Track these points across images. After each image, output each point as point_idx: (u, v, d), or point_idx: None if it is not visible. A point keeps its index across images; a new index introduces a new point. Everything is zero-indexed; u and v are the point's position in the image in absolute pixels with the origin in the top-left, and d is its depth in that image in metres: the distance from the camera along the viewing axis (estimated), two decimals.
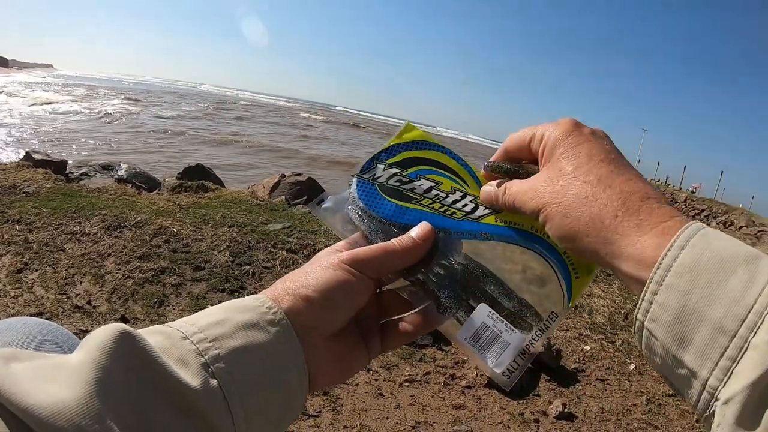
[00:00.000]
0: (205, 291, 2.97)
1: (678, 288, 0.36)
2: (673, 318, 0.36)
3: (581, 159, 0.46)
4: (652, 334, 0.37)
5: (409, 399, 2.23)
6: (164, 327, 0.41)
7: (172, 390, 0.36)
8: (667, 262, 0.37)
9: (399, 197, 0.55)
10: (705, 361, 0.34)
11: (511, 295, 0.51)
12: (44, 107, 18.00)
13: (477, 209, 0.54)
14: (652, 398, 2.48)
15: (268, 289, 0.47)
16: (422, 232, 0.51)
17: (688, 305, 0.35)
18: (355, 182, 0.56)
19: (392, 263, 0.50)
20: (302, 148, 15.93)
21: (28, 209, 3.83)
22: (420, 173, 0.56)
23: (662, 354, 0.37)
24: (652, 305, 0.37)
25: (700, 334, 0.34)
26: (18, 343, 0.60)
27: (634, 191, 0.42)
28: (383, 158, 0.57)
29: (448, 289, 0.51)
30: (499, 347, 0.49)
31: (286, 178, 6.09)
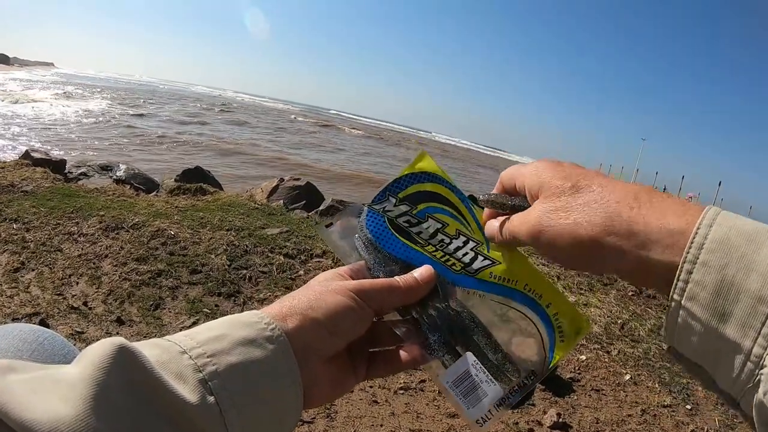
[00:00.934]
0: (202, 294, 2.96)
1: (713, 264, 0.37)
2: (711, 294, 0.37)
3: (576, 176, 0.47)
4: (691, 313, 0.38)
5: (404, 407, 2.22)
6: (162, 340, 0.41)
7: (169, 406, 0.36)
8: (698, 240, 0.38)
9: (406, 236, 0.57)
10: (748, 330, 0.35)
11: (496, 349, 0.53)
12: (32, 105, 17.92)
13: (476, 260, 0.56)
14: (647, 409, 2.48)
15: (273, 305, 0.48)
16: (425, 275, 0.54)
17: (725, 279, 0.36)
18: (366, 212, 0.58)
19: (394, 299, 0.52)
20: (302, 156, 15.87)
21: (26, 208, 3.83)
22: (428, 211, 0.58)
23: (701, 332, 0.37)
24: (689, 284, 0.38)
25: (740, 306, 0.35)
26: (13, 350, 0.60)
27: (639, 189, 0.44)
28: (395, 191, 0.59)
29: (439, 332, 0.53)
30: (478, 396, 0.51)
31: (284, 183, 6.09)
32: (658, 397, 2.59)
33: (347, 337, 0.49)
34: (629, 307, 3.61)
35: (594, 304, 3.63)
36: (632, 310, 3.56)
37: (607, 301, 3.68)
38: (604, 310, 3.54)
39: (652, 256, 0.40)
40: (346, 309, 0.47)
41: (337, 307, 0.47)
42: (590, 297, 3.73)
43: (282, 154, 15.01)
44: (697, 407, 2.54)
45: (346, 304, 0.48)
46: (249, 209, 4.74)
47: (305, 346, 0.45)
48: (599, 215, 0.43)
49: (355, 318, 0.48)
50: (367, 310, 0.50)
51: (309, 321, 0.46)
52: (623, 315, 3.48)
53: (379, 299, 0.51)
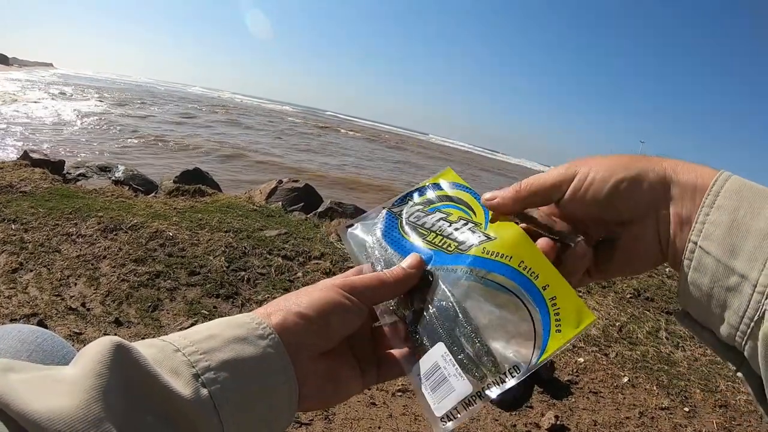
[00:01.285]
0: (200, 296, 2.96)
1: (727, 207, 0.42)
2: (724, 231, 0.41)
3: (583, 159, 0.52)
4: (705, 251, 0.42)
5: (402, 409, 2.22)
6: (157, 340, 0.42)
7: (164, 399, 0.37)
8: (716, 189, 0.43)
9: (412, 232, 0.57)
10: (754, 263, 0.39)
11: (474, 340, 0.47)
12: (26, 105, 17.88)
13: (470, 238, 0.53)
14: (645, 411, 2.48)
15: (261, 308, 0.48)
16: (412, 262, 0.53)
17: (737, 220, 0.41)
18: (384, 213, 0.59)
19: (384, 292, 0.51)
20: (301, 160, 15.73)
21: (25, 209, 3.83)
22: (439, 208, 0.58)
23: (713, 269, 0.41)
24: (705, 225, 0.43)
25: (749, 242, 0.40)
26: (12, 351, 0.60)
27: (656, 157, 0.49)
28: (415, 196, 0.60)
29: (420, 325, 0.51)
30: (444, 391, 0.46)
31: (283, 184, 6.09)
32: (656, 400, 2.59)
33: (337, 331, 0.48)
34: (627, 309, 3.62)
35: (592, 306, 3.64)
36: (630, 313, 3.56)
37: (605, 304, 3.69)
38: (602, 312, 3.55)
39: (682, 178, 0.46)
40: (332, 303, 0.47)
41: (323, 301, 0.47)
42: (588, 299, 3.74)
43: (283, 159, 14.89)
44: (695, 410, 2.54)
45: (333, 298, 0.48)
46: (247, 211, 4.74)
47: (296, 342, 0.45)
48: (625, 161, 0.49)
49: (343, 312, 0.48)
50: (357, 304, 0.49)
51: (294, 315, 0.46)
52: (621, 317, 3.48)
53: (368, 293, 0.50)
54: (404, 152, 33.20)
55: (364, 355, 0.53)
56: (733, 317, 0.40)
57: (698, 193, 0.44)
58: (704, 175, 0.45)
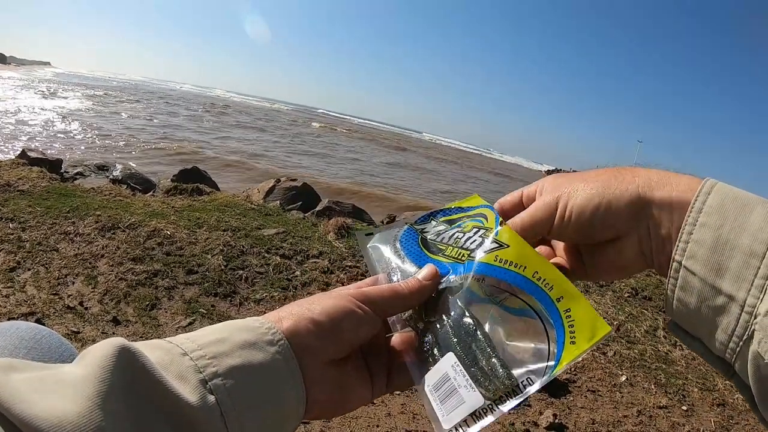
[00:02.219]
0: (198, 295, 2.96)
1: (710, 225, 0.41)
2: (709, 251, 0.40)
3: (570, 175, 0.52)
4: (690, 271, 0.41)
5: (400, 407, 2.23)
6: (164, 342, 0.41)
7: (170, 405, 0.36)
8: (698, 206, 0.42)
9: (432, 249, 0.57)
10: (741, 283, 0.38)
11: (490, 351, 0.46)
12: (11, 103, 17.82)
13: (482, 245, 0.53)
14: (642, 410, 2.48)
15: (271, 312, 0.47)
16: (427, 273, 0.53)
17: (721, 237, 0.40)
18: (405, 228, 0.60)
19: (398, 303, 0.51)
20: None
21: (22, 208, 3.82)
22: (459, 225, 0.58)
23: (699, 289, 0.40)
24: (689, 244, 0.41)
25: (734, 261, 0.39)
26: (10, 348, 0.60)
27: (635, 168, 0.49)
28: (439, 216, 0.61)
29: (433, 336, 0.50)
30: (454, 402, 0.45)
31: (281, 183, 6.08)
32: (654, 398, 2.59)
33: (349, 339, 0.47)
34: (625, 308, 3.62)
35: None
36: (628, 312, 3.57)
37: (603, 303, 3.69)
38: (600, 312, 3.55)
39: (658, 195, 0.45)
40: (345, 311, 0.47)
41: (336, 308, 0.47)
42: (586, 298, 3.74)
43: (271, 161, 14.60)
44: (693, 408, 2.54)
45: (345, 306, 0.47)
46: (245, 210, 4.74)
47: (306, 348, 0.45)
48: (606, 180, 0.48)
49: (356, 321, 0.47)
50: (370, 314, 0.48)
51: (305, 320, 0.45)
52: (619, 316, 3.49)
53: (382, 303, 0.50)
54: (406, 153, 33.12)
55: (376, 366, 0.52)
56: (722, 335, 0.40)
57: (675, 209, 0.43)
58: (681, 188, 0.44)
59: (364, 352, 0.51)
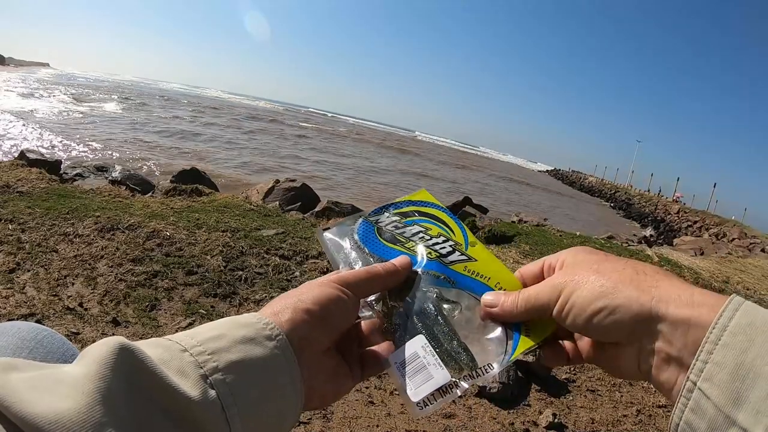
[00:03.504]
0: (198, 295, 2.96)
1: (735, 346, 0.36)
2: (729, 376, 0.36)
3: (595, 257, 0.50)
4: (705, 395, 0.37)
5: (400, 407, 2.23)
6: (163, 339, 0.41)
7: (171, 400, 0.36)
8: (722, 323, 0.37)
9: (390, 239, 0.62)
10: (761, 418, 0.34)
11: (453, 337, 0.53)
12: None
13: (452, 254, 0.60)
14: (642, 409, 2.49)
15: (266, 307, 0.49)
16: (403, 261, 0.57)
17: (745, 363, 0.35)
18: (360, 221, 0.64)
19: (375, 284, 0.54)
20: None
21: (22, 209, 3.82)
22: (416, 221, 0.64)
23: (712, 417, 0.36)
24: (707, 364, 0.37)
25: (756, 391, 0.34)
26: (12, 348, 0.60)
27: (658, 274, 0.45)
28: (391, 209, 0.66)
29: (399, 319, 0.55)
30: (422, 378, 0.50)
31: (280, 184, 6.09)
32: (653, 398, 2.60)
33: (338, 325, 0.50)
34: None
35: None
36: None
37: None
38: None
39: (672, 311, 0.41)
40: (333, 297, 0.49)
41: (324, 296, 0.49)
42: None
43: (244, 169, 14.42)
44: None
45: (332, 293, 0.49)
46: (245, 210, 4.74)
47: (300, 337, 0.46)
48: (614, 276, 0.45)
49: (343, 305, 0.50)
50: (352, 297, 0.51)
51: (301, 312, 0.47)
52: None
53: (361, 285, 0.53)
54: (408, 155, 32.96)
55: (349, 352, 0.54)
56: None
57: (692, 330, 0.39)
58: (704, 307, 0.40)
59: (338, 339, 0.52)
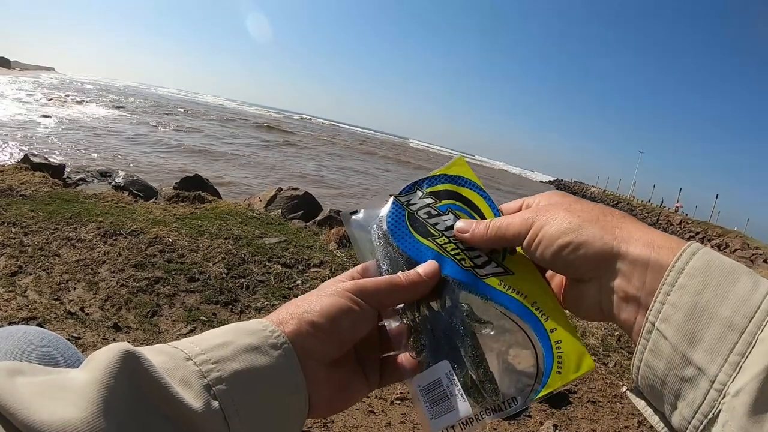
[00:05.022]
0: (199, 302, 2.96)
1: (690, 288, 0.38)
2: (684, 316, 0.37)
3: (569, 198, 0.51)
4: (662, 335, 0.38)
5: (400, 417, 2.22)
6: (168, 347, 0.41)
7: (174, 411, 0.36)
8: (679, 266, 0.39)
9: (421, 230, 0.55)
10: (715, 357, 0.35)
11: (480, 364, 0.49)
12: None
13: (488, 265, 0.53)
14: (643, 420, 2.47)
15: (273, 313, 0.48)
16: (429, 270, 0.52)
17: (699, 303, 0.37)
18: (390, 202, 0.57)
19: (397, 297, 0.51)
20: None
21: (25, 212, 3.83)
22: (451, 207, 0.56)
23: (669, 356, 0.38)
24: (665, 305, 0.39)
25: (710, 331, 0.36)
26: (18, 352, 0.60)
27: (625, 217, 0.46)
28: (425, 186, 0.58)
29: (424, 334, 0.51)
30: (444, 408, 0.48)
31: (282, 192, 6.10)
32: None
33: (348, 338, 0.48)
34: None
35: None
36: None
37: None
38: (601, 322, 3.54)
39: (633, 250, 0.42)
40: (343, 309, 0.47)
41: (334, 308, 0.46)
42: None
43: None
44: None
45: (343, 304, 0.47)
46: (247, 218, 4.75)
47: (305, 350, 0.45)
48: (582, 214, 0.46)
49: (354, 318, 0.47)
50: (367, 309, 0.48)
51: (306, 324, 0.45)
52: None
53: (380, 297, 0.49)
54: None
55: (368, 358, 0.53)
56: (687, 410, 0.37)
57: (651, 270, 0.41)
58: (663, 249, 0.41)
59: (357, 345, 0.51)
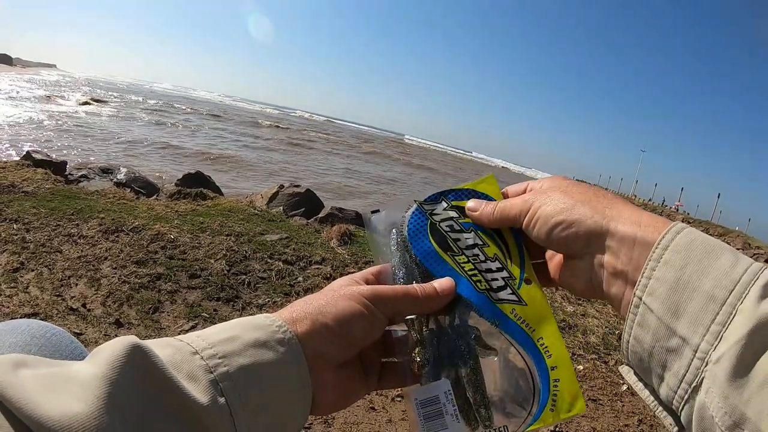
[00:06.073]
0: (201, 299, 2.96)
1: (674, 263, 0.40)
2: (668, 289, 0.39)
3: (567, 182, 0.53)
4: (649, 308, 0.40)
5: (401, 414, 2.22)
6: (174, 340, 0.41)
7: (180, 406, 0.36)
8: (664, 243, 0.41)
9: (441, 243, 0.55)
10: (697, 327, 0.37)
11: (478, 389, 0.50)
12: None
13: (503, 290, 0.53)
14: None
15: (284, 309, 0.47)
16: (446, 287, 0.52)
17: (683, 278, 0.39)
18: (413, 209, 0.57)
19: (410, 308, 0.51)
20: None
21: (27, 209, 3.84)
22: (474, 227, 0.56)
23: (655, 328, 0.40)
24: (651, 280, 0.41)
25: (693, 303, 0.38)
26: (21, 345, 0.60)
27: (615, 198, 0.49)
28: (450, 198, 0.58)
29: (428, 349, 0.51)
30: (437, 425, 0.48)
31: (284, 189, 6.10)
32: None
33: (359, 343, 0.48)
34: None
35: (592, 314, 3.64)
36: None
37: (605, 312, 3.69)
38: (602, 320, 3.55)
39: (621, 228, 0.44)
40: (357, 315, 0.47)
41: (348, 312, 0.46)
42: (588, 307, 3.74)
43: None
44: None
45: (358, 309, 0.47)
46: (249, 215, 4.75)
47: (315, 351, 0.45)
48: (576, 196, 0.49)
49: (367, 324, 0.47)
50: (379, 317, 0.48)
51: (319, 326, 0.45)
52: (621, 326, 3.47)
53: (393, 306, 0.49)
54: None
55: (369, 360, 0.53)
56: (672, 380, 0.39)
57: (638, 246, 0.43)
58: (649, 227, 0.43)
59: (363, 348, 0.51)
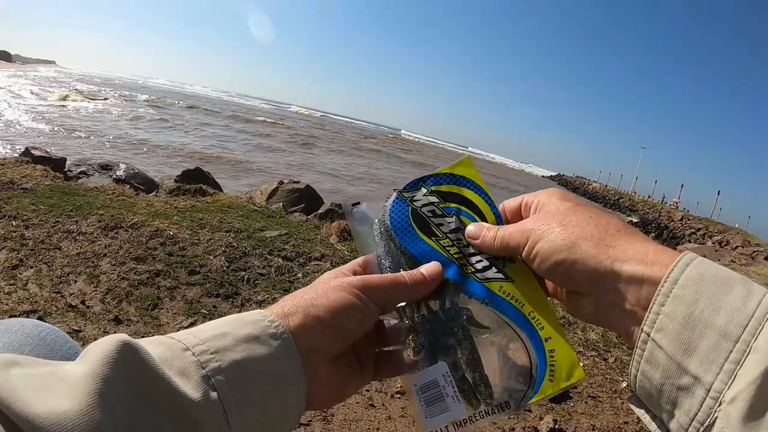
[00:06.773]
0: (200, 295, 2.96)
1: (684, 299, 0.38)
2: (680, 326, 0.38)
3: (565, 206, 0.51)
4: (658, 345, 0.39)
5: (400, 411, 2.22)
6: (165, 338, 0.41)
7: (172, 402, 0.36)
8: (673, 276, 0.40)
9: (424, 229, 0.55)
10: (710, 365, 0.36)
11: (476, 368, 0.50)
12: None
13: (488, 270, 0.54)
14: None
15: (276, 304, 0.47)
16: (432, 271, 0.52)
17: (694, 313, 0.38)
18: (393, 197, 0.57)
19: (399, 295, 0.51)
20: None
21: (26, 205, 3.83)
22: (455, 211, 0.56)
23: (665, 365, 0.38)
24: (659, 316, 0.39)
25: (705, 341, 0.37)
26: (15, 344, 0.60)
27: (620, 232, 0.46)
28: (429, 183, 0.58)
29: (424, 334, 0.51)
30: (439, 409, 0.49)
31: (283, 185, 6.09)
32: None
33: (352, 334, 0.47)
34: None
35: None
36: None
37: None
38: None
39: (626, 268, 0.43)
40: (349, 306, 0.47)
41: (340, 303, 0.46)
42: None
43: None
44: None
45: (350, 300, 0.47)
46: (248, 211, 4.75)
47: (309, 345, 0.45)
48: (578, 229, 0.47)
49: (359, 315, 0.47)
50: (371, 306, 0.48)
51: (311, 319, 0.45)
52: None
53: (384, 295, 0.49)
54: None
55: (364, 351, 0.52)
56: (683, 417, 0.38)
57: (645, 286, 0.41)
58: (656, 265, 0.42)
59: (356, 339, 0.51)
